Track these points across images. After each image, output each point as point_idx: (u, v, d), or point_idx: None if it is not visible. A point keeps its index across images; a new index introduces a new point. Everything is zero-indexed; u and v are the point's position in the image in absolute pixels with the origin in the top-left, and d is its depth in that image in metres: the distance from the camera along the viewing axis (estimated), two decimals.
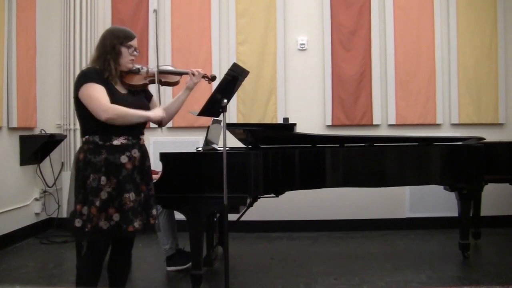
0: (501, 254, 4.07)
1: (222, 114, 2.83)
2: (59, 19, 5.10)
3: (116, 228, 2.36)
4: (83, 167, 2.38)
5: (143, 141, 2.56)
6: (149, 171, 2.56)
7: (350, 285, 3.31)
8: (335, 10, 5.11)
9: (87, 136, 2.43)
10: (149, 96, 2.69)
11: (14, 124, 4.46)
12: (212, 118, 3.54)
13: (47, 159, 5.02)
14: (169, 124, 5.07)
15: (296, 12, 5.18)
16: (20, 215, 4.62)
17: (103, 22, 5.12)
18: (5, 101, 4.37)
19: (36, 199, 4.89)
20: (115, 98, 2.40)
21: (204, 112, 2.88)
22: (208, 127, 3.62)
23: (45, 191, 5.01)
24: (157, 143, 5.07)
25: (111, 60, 2.45)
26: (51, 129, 5.00)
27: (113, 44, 2.46)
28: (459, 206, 3.85)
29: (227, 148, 2.83)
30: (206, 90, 4.34)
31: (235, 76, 2.86)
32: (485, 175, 3.85)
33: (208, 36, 5.14)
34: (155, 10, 2.72)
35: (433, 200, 4.92)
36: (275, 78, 5.12)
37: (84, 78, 2.41)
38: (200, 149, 3.82)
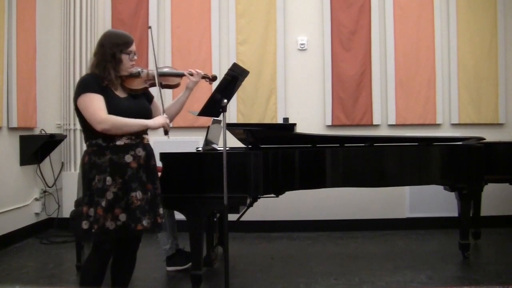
0: (501, 254, 4.07)
1: (222, 114, 2.83)
2: (59, 19, 5.10)
3: (123, 228, 2.37)
4: (88, 169, 2.41)
5: (147, 140, 2.55)
6: (154, 170, 2.56)
7: (350, 285, 3.31)
8: (335, 10, 5.11)
9: (90, 140, 2.44)
10: (150, 98, 2.68)
11: (14, 124, 4.46)
12: (212, 118, 3.54)
13: (47, 159, 5.01)
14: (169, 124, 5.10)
15: (296, 12, 5.18)
16: (20, 215, 4.62)
17: (103, 22, 5.12)
18: (5, 101, 4.37)
19: (36, 199, 4.89)
20: (114, 104, 2.41)
21: (204, 112, 2.88)
22: (208, 127, 3.62)
23: (45, 191, 5.01)
24: (157, 143, 5.01)
25: (110, 69, 2.43)
26: (51, 129, 5.00)
27: (112, 52, 2.45)
28: (459, 206, 3.85)
29: (227, 148, 2.83)
30: (206, 90, 4.35)
31: (235, 76, 2.86)
32: (485, 175, 3.86)
33: (208, 36, 5.14)
34: (150, 27, 2.72)
35: (433, 200, 4.92)
36: (275, 78, 5.12)
37: (82, 87, 2.40)
38: (200, 149, 3.82)
